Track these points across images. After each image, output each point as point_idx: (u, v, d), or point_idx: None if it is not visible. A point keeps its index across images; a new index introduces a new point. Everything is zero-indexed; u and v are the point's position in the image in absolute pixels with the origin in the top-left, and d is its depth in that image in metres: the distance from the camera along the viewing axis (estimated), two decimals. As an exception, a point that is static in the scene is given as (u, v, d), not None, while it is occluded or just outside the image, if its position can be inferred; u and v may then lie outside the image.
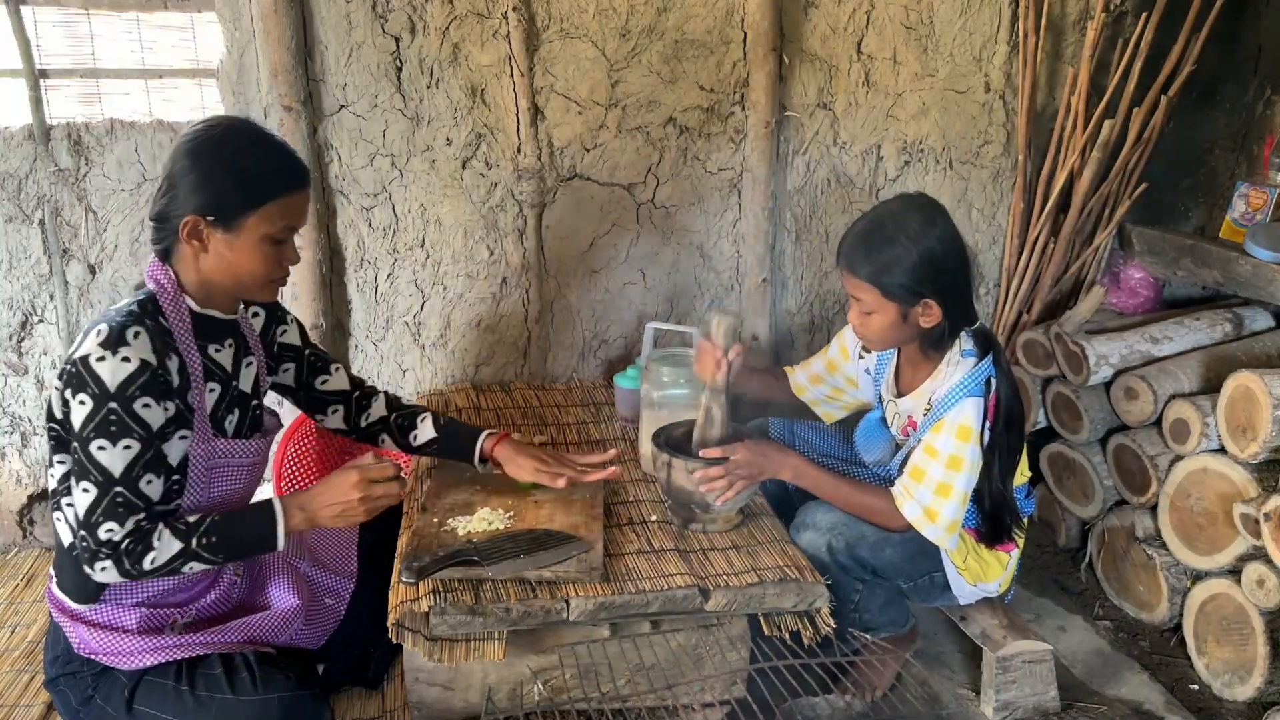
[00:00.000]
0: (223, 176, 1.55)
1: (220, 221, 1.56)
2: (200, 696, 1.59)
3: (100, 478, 1.50)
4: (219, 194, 1.55)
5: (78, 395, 1.50)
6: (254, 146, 1.60)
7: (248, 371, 1.76)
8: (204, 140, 1.58)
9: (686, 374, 2.17)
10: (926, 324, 1.90)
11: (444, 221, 2.68)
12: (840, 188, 2.90)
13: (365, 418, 1.98)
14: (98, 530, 1.51)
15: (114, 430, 1.49)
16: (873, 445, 2.15)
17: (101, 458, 1.50)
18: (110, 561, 1.53)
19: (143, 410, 1.51)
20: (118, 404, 1.49)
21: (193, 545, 1.56)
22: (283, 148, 1.64)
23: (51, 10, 2.37)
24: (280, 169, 1.61)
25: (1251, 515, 2.09)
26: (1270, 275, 2.40)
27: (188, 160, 1.56)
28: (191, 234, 1.56)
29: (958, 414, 1.87)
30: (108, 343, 1.50)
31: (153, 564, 1.54)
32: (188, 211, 1.55)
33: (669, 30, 2.64)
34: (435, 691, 1.78)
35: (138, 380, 1.50)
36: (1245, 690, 2.17)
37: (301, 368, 1.91)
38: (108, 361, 1.49)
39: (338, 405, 1.95)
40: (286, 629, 1.78)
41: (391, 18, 2.49)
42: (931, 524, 1.90)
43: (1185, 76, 2.70)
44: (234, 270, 1.61)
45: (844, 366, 2.23)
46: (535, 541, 1.80)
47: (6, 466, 2.65)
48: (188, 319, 1.62)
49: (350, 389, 1.97)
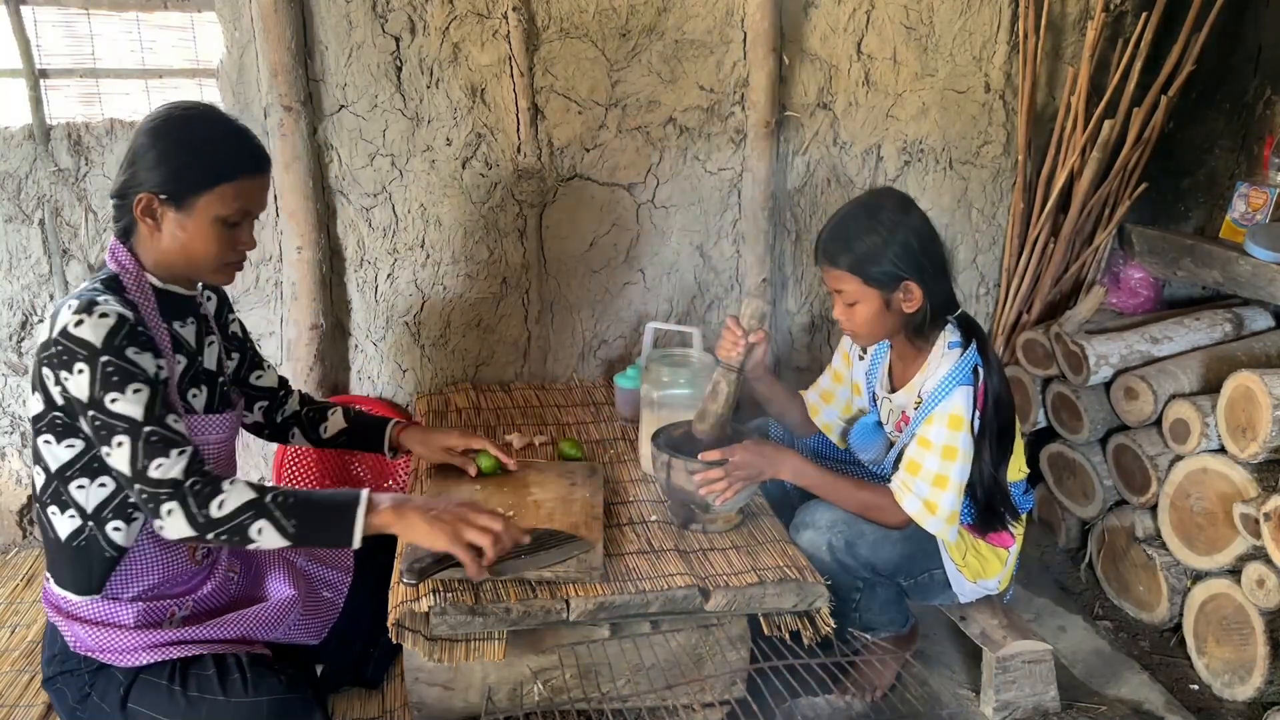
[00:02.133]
0: (179, 155, 1.55)
1: (173, 200, 1.56)
2: (192, 697, 1.60)
3: (126, 425, 1.49)
4: (174, 172, 1.55)
5: (74, 366, 1.49)
6: (212, 127, 1.60)
7: (210, 350, 1.76)
8: (165, 120, 1.58)
9: (686, 374, 2.17)
10: (909, 308, 1.91)
11: (444, 221, 2.68)
12: (840, 188, 2.90)
13: (280, 414, 2.00)
14: (148, 472, 1.50)
15: (117, 380, 1.49)
16: (867, 445, 2.15)
17: (119, 408, 1.49)
18: (175, 502, 1.49)
19: (135, 357, 1.51)
20: (111, 356, 1.49)
21: (267, 500, 1.52)
22: (242, 131, 1.64)
23: (51, 10, 2.37)
24: (237, 151, 1.61)
25: (1251, 515, 2.09)
26: (1270, 275, 2.40)
27: (147, 138, 1.56)
28: (145, 211, 1.57)
29: (948, 404, 1.88)
30: (80, 309, 1.50)
31: (221, 509, 1.50)
32: (143, 189, 1.56)
33: (669, 30, 2.64)
34: (435, 691, 1.78)
35: (120, 331, 1.50)
36: (1245, 690, 2.17)
37: (244, 359, 1.93)
38: (86, 323, 1.49)
39: (264, 401, 1.98)
40: (283, 621, 1.78)
41: (391, 18, 2.49)
42: (932, 516, 1.90)
43: (1185, 76, 2.70)
44: (186, 250, 1.60)
45: (847, 374, 2.24)
46: (537, 541, 1.80)
47: (6, 466, 2.65)
48: (151, 296, 1.62)
49: (277, 387, 2.00)
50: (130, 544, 1.62)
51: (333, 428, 2.02)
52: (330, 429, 2.02)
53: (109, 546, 1.61)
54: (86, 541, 1.60)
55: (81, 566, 1.61)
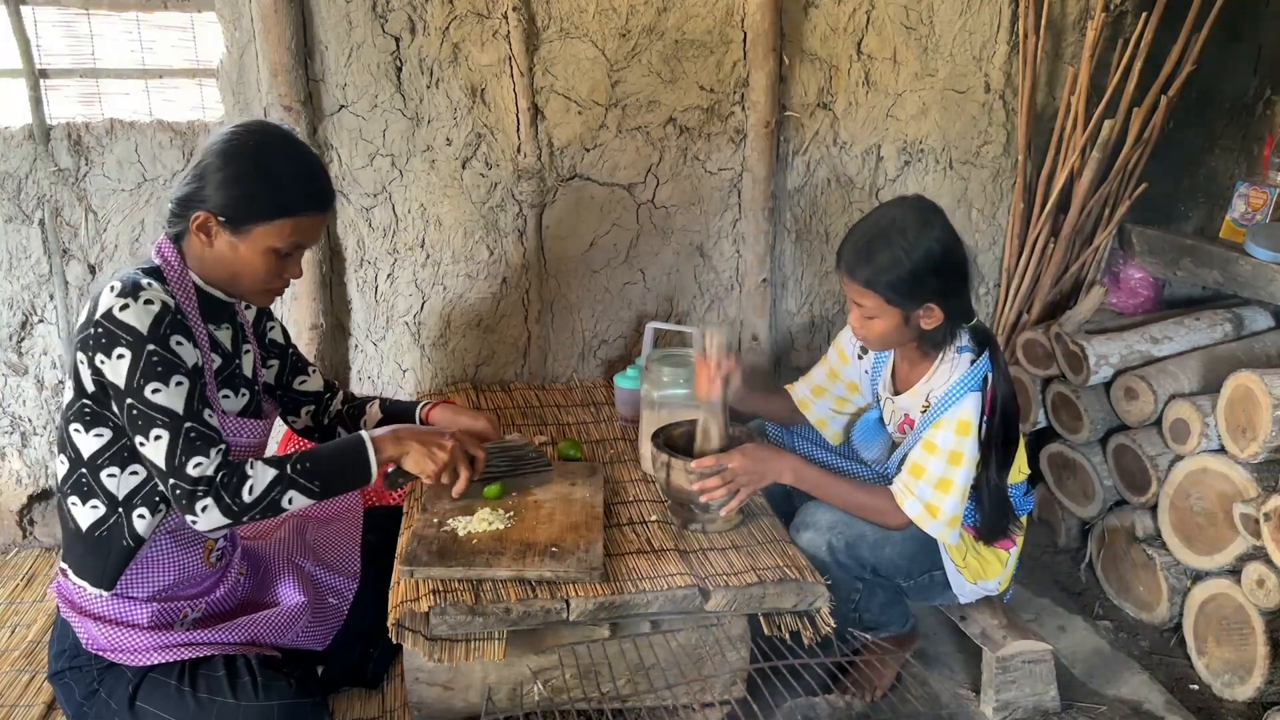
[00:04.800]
0: (245, 183, 1.57)
1: (230, 224, 1.58)
2: (201, 699, 1.60)
3: (167, 419, 1.51)
4: (237, 199, 1.57)
5: (114, 350, 1.50)
6: (284, 161, 1.62)
7: (247, 358, 1.78)
8: (240, 143, 1.60)
9: (686, 374, 2.17)
10: (928, 326, 1.91)
11: (444, 221, 2.68)
12: (840, 188, 2.90)
13: (327, 415, 2.01)
14: (186, 469, 1.52)
15: (160, 370, 1.51)
16: (870, 443, 2.15)
17: (160, 399, 1.50)
18: (210, 499, 1.52)
19: (178, 348, 1.53)
20: (156, 344, 1.50)
21: (288, 471, 1.58)
22: (312, 167, 1.66)
23: (51, 10, 2.37)
24: (304, 189, 1.63)
25: (1251, 515, 2.09)
26: (1270, 275, 2.40)
27: (218, 159, 1.58)
28: (201, 228, 1.59)
29: (957, 410, 1.88)
30: (125, 292, 1.51)
31: (251, 494, 1.55)
32: (204, 207, 1.57)
33: (669, 30, 2.64)
34: (435, 691, 1.78)
35: (165, 319, 1.52)
36: (1245, 690, 2.17)
37: (285, 366, 1.94)
38: (132, 308, 1.50)
39: (311, 405, 1.99)
40: (292, 626, 1.79)
41: (391, 18, 2.49)
42: (933, 520, 1.90)
43: (1185, 76, 2.70)
44: (233, 270, 1.63)
45: (843, 372, 2.23)
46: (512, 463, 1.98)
47: (6, 466, 2.65)
48: (192, 293, 1.64)
49: (323, 390, 2.01)
50: (149, 535, 1.63)
51: (371, 420, 2.02)
52: (370, 422, 2.02)
53: (129, 537, 1.62)
54: (109, 531, 1.62)
55: (99, 557, 1.62)
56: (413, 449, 1.73)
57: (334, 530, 2.03)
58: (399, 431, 1.74)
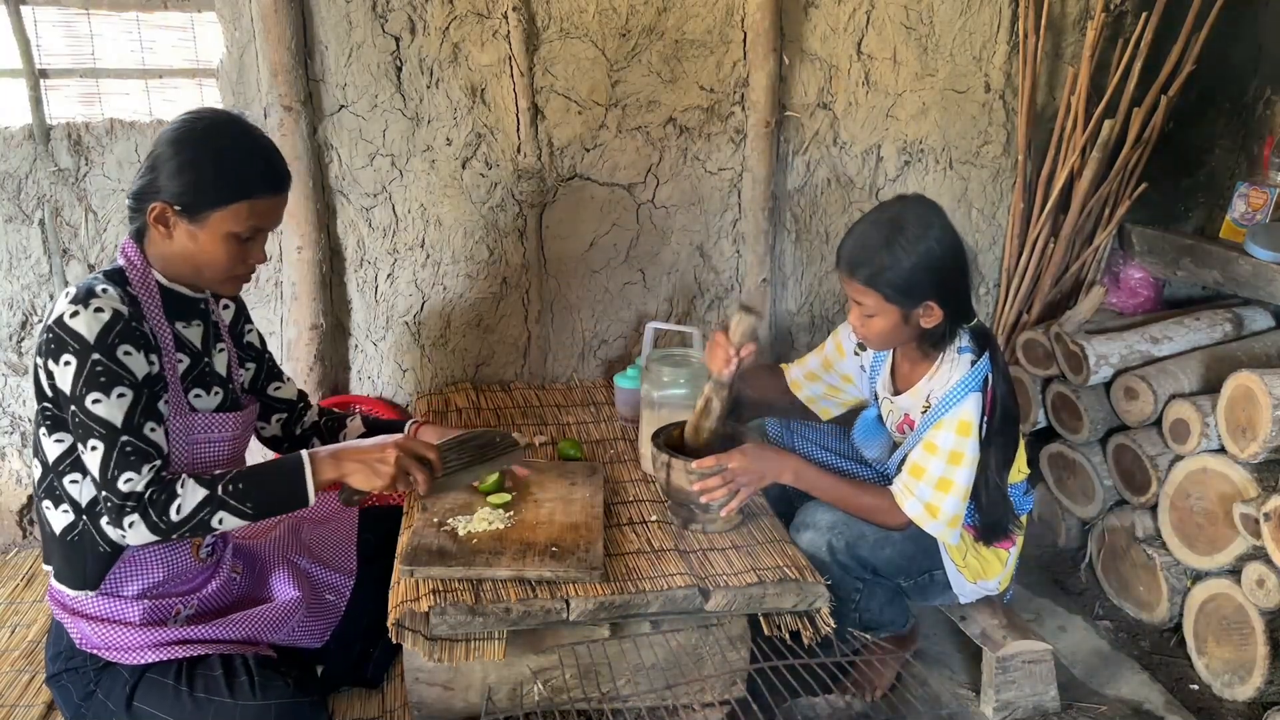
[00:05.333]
0: (197, 169, 1.56)
1: (186, 211, 1.57)
2: (199, 698, 1.60)
3: (104, 431, 1.50)
4: (190, 185, 1.56)
5: (61, 357, 1.50)
6: (235, 144, 1.60)
7: (220, 355, 1.77)
8: (189, 130, 1.58)
9: (686, 374, 2.17)
10: (928, 324, 1.91)
11: (444, 221, 2.68)
12: (840, 188, 2.90)
13: (299, 425, 2.00)
14: (117, 484, 1.51)
15: (103, 381, 1.50)
16: (871, 442, 2.15)
17: (99, 410, 1.50)
18: (137, 515, 1.52)
19: (125, 358, 1.52)
20: (101, 354, 1.49)
21: (219, 491, 1.56)
22: (265, 150, 1.63)
23: (51, 10, 2.37)
24: (257, 172, 1.60)
25: (1251, 515, 2.09)
26: (1270, 275, 2.40)
27: (169, 148, 1.57)
28: (158, 219, 1.58)
29: (958, 410, 1.88)
30: (77, 299, 1.51)
31: (179, 513, 1.53)
32: (159, 197, 1.56)
33: (669, 30, 2.64)
34: (435, 691, 1.78)
35: (114, 328, 1.51)
36: (1245, 690, 2.17)
37: (260, 370, 1.93)
38: (81, 315, 1.50)
39: (283, 413, 1.98)
40: (287, 622, 1.78)
41: (391, 18, 2.49)
42: (933, 520, 1.90)
43: (1185, 76, 2.70)
44: (195, 260, 1.61)
45: (839, 364, 2.23)
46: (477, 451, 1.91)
47: (6, 466, 2.65)
48: (156, 293, 1.63)
49: (295, 399, 2.00)
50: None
51: (353, 433, 2.01)
52: (350, 435, 2.01)
53: (103, 542, 1.61)
54: (80, 536, 1.61)
55: (76, 561, 1.62)
56: (354, 469, 1.67)
57: (330, 528, 2.03)
58: (338, 453, 1.68)
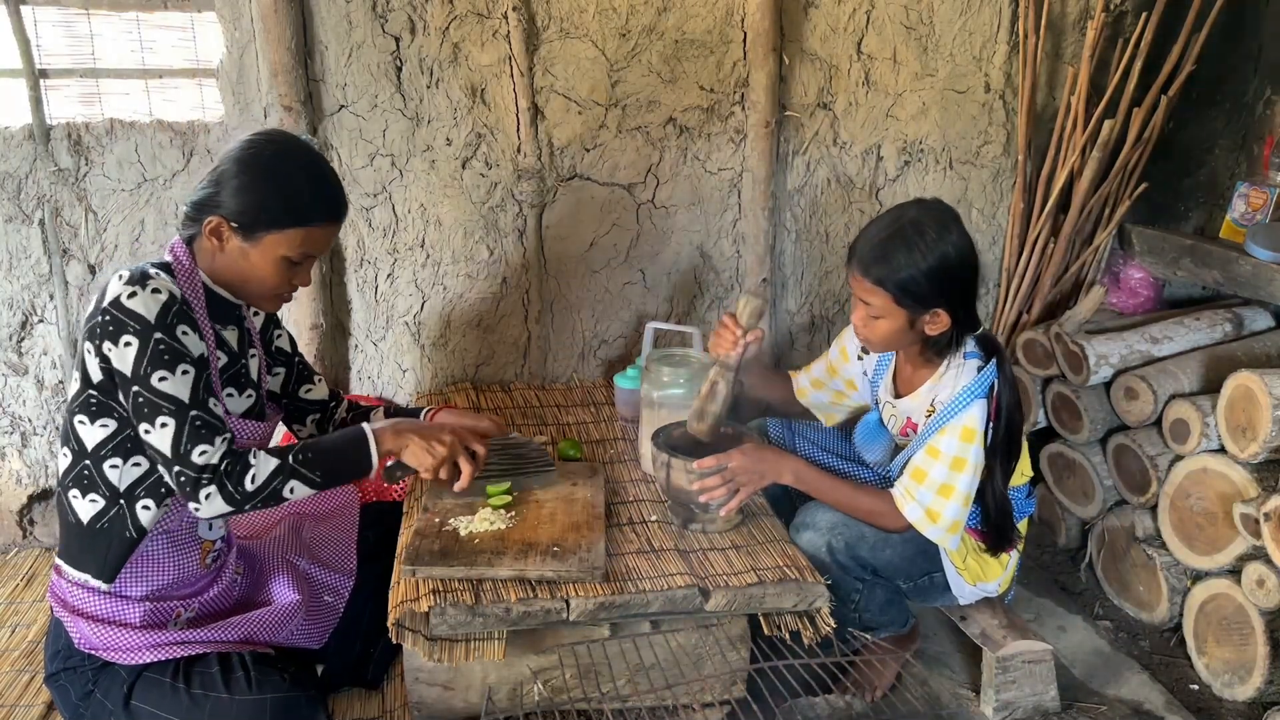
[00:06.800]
0: (259, 191, 1.60)
1: (242, 230, 1.61)
2: (195, 695, 1.60)
3: (173, 407, 1.53)
4: (251, 206, 1.60)
5: (121, 338, 1.52)
6: (300, 171, 1.64)
7: (253, 361, 1.80)
8: (257, 151, 1.63)
9: (686, 374, 2.17)
10: (932, 331, 1.90)
11: (444, 221, 2.68)
12: (840, 188, 2.90)
13: (331, 424, 2.02)
14: (191, 457, 1.54)
15: (168, 359, 1.53)
16: (872, 445, 2.14)
17: (166, 387, 1.53)
18: (214, 486, 1.55)
19: (184, 338, 1.56)
20: (162, 333, 1.53)
21: (290, 461, 1.61)
22: (328, 179, 1.68)
23: (51, 10, 2.37)
24: (317, 199, 1.65)
25: (1251, 515, 2.09)
26: (1270, 275, 2.40)
27: (236, 165, 1.61)
28: (213, 232, 1.62)
29: (962, 416, 1.87)
30: (133, 280, 1.54)
31: (254, 482, 1.58)
32: (219, 212, 1.60)
33: (669, 30, 2.64)
34: (435, 691, 1.78)
35: (172, 309, 1.55)
36: (1245, 690, 2.17)
37: (290, 374, 1.95)
38: (139, 296, 1.53)
39: (316, 414, 2.00)
40: (286, 624, 1.79)
41: (391, 18, 2.49)
42: (933, 525, 1.90)
43: (1185, 76, 2.70)
44: (243, 275, 1.66)
45: (843, 369, 2.23)
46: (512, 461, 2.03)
47: (6, 466, 2.65)
48: (200, 292, 1.66)
49: (328, 399, 2.02)
50: (152, 527, 1.64)
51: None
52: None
53: (132, 529, 1.63)
54: (109, 524, 1.62)
55: (99, 550, 1.63)
56: (412, 442, 1.75)
57: (330, 528, 2.03)
58: (399, 425, 1.76)
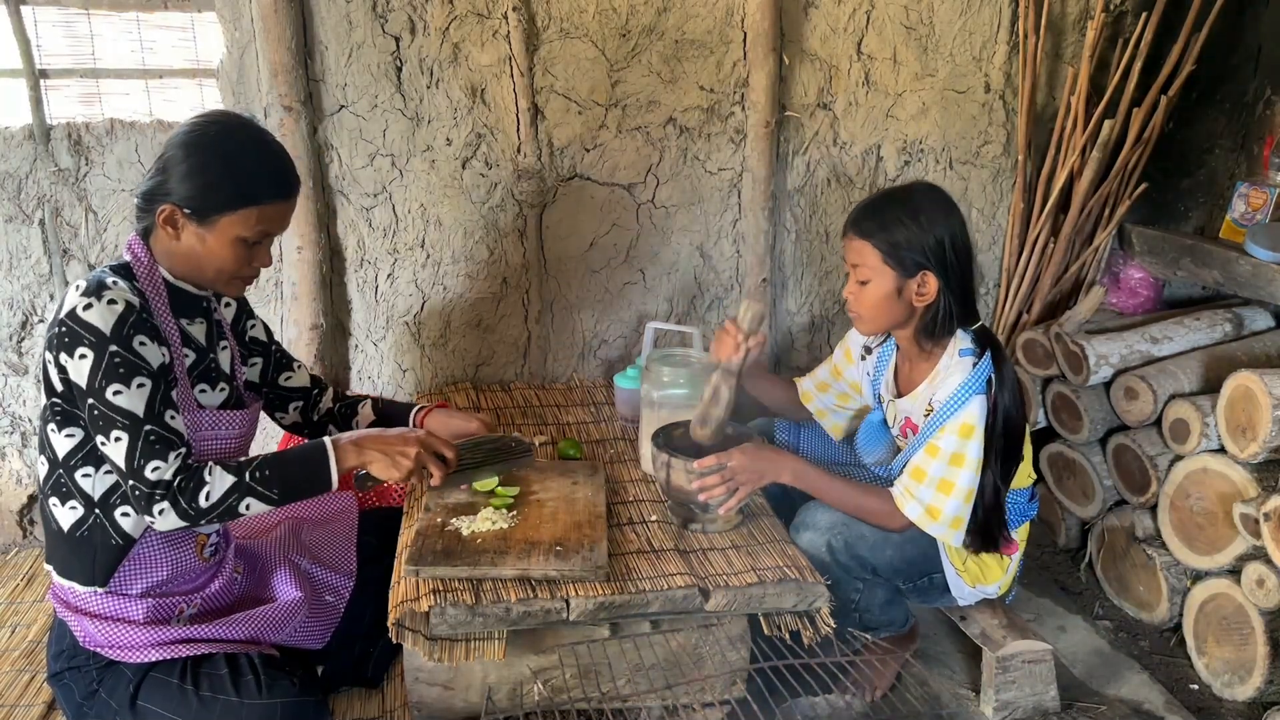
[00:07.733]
0: (207, 172, 1.56)
1: (195, 215, 1.58)
2: (204, 697, 1.60)
3: (127, 421, 1.51)
4: (200, 189, 1.56)
5: (76, 350, 1.50)
6: (245, 149, 1.60)
7: (223, 353, 1.78)
8: (200, 133, 1.59)
9: (686, 374, 2.17)
10: (920, 302, 1.90)
11: (444, 221, 2.68)
12: (840, 188, 2.90)
13: (316, 412, 2.01)
14: (144, 472, 1.52)
15: (123, 372, 1.50)
16: (874, 446, 2.14)
17: (120, 401, 1.51)
18: (167, 502, 1.53)
19: (141, 348, 1.53)
20: (118, 345, 1.50)
21: (246, 478, 1.59)
22: (276, 155, 1.64)
23: (51, 10, 2.37)
24: (267, 177, 1.61)
25: (1251, 515, 2.09)
26: (1270, 275, 2.40)
27: (180, 150, 1.57)
28: (167, 221, 1.58)
29: (961, 413, 1.87)
30: (89, 291, 1.52)
31: (208, 499, 1.56)
32: (169, 199, 1.57)
33: (669, 30, 2.64)
34: (435, 691, 1.78)
35: (129, 319, 1.52)
36: (1245, 690, 2.17)
37: (268, 363, 1.94)
38: (95, 308, 1.50)
39: (298, 402, 1.99)
40: (289, 622, 1.79)
41: (391, 18, 2.49)
42: (934, 522, 1.89)
43: (1185, 76, 2.70)
44: (201, 261, 1.62)
45: (847, 371, 2.24)
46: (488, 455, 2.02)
47: (6, 466, 2.65)
48: (162, 289, 1.63)
49: (310, 386, 2.01)
50: (139, 534, 1.63)
51: (364, 421, 2.03)
52: (362, 422, 2.03)
53: (116, 535, 1.62)
54: (90, 531, 1.61)
55: (85, 557, 1.62)
56: (376, 458, 1.72)
57: (330, 530, 2.03)
58: (361, 440, 1.73)
